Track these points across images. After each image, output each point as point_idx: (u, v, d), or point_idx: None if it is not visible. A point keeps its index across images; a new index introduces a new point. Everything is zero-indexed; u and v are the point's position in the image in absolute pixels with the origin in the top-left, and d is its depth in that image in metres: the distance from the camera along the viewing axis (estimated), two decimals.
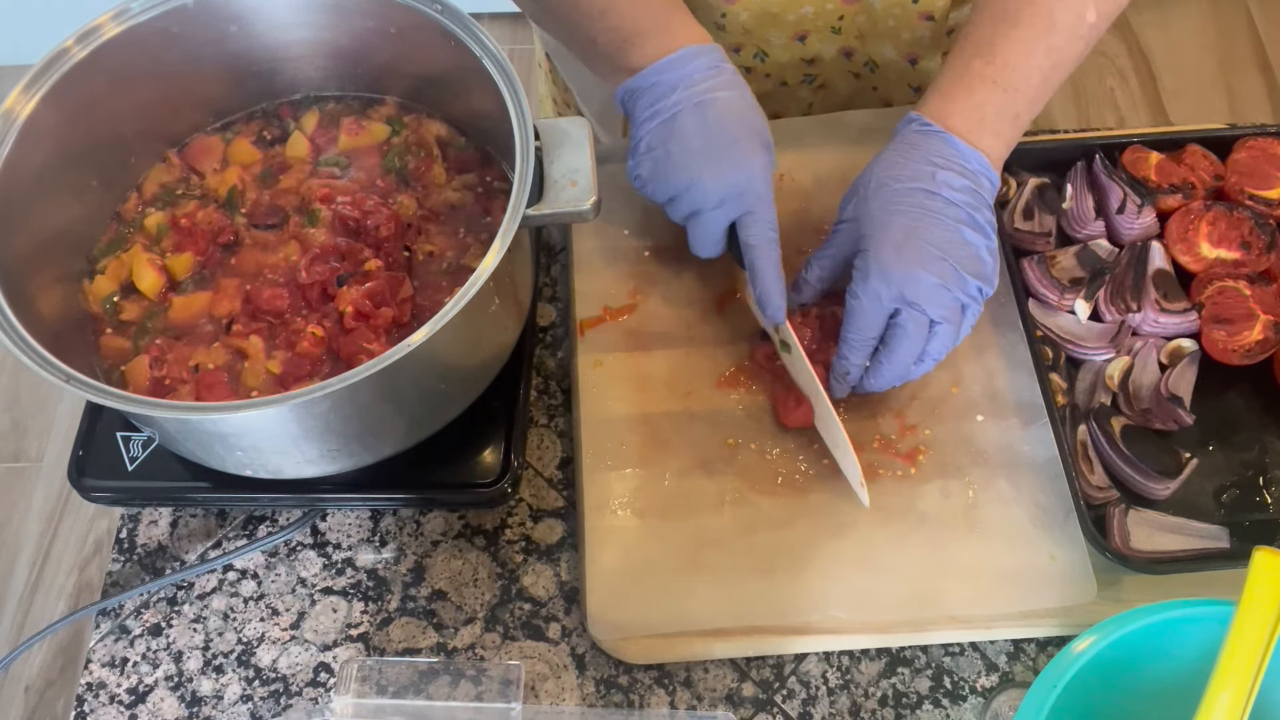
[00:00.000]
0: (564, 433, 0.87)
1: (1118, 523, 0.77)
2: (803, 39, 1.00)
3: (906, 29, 0.98)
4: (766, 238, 0.80)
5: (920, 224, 0.77)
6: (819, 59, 1.03)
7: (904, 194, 0.78)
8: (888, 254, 0.76)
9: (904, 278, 0.76)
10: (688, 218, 0.82)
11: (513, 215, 0.70)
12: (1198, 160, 0.93)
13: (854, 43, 1.01)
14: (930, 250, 0.76)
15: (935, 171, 0.78)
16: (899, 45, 1.00)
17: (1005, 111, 0.80)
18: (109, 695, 0.78)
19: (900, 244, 0.76)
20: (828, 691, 0.77)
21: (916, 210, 0.77)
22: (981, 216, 0.78)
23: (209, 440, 0.73)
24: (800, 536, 0.79)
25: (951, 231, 0.77)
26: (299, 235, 0.81)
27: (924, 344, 0.78)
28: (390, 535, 0.83)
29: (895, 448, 0.82)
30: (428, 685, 0.72)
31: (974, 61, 0.80)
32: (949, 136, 0.79)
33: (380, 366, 0.64)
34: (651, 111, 0.80)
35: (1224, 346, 0.85)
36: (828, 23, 0.98)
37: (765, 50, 1.01)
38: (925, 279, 0.76)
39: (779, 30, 0.99)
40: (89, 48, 0.76)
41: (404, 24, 0.80)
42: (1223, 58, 2.44)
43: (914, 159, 0.79)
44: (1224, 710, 0.60)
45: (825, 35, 1.00)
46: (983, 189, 0.79)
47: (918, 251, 0.76)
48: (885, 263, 0.76)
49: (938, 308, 0.76)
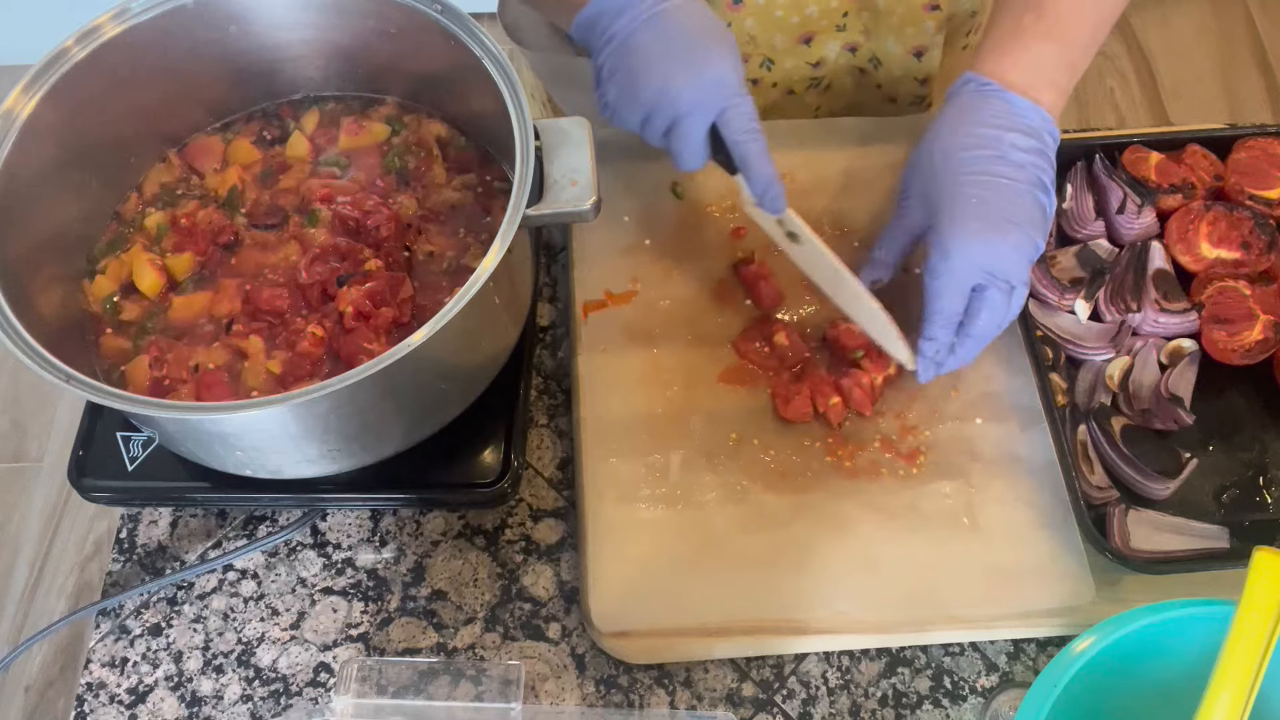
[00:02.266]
0: (564, 432, 0.87)
1: (1118, 523, 0.77)
2: (808, 41, 1.00)
3: (911, 23, 0.98)
4: (750, 129, 0.78)
5: (994, 193, 0.76)
6: (824, 61, 1.03)
7: (973, 162, 0.77)
8: (969, 227, 0.76)
9: (985, 251, 0.75)
10: (666, 132, 0.80)
11: (513, 215, 0.70)
12: (1198, 160, 0.93)
13: (858, 38, 1.01)
14: (1007, 220, 0.76)
15: (1001, 134, 0.77)
16: (903, 39, 1.00)
17: (1061, 63, 0.80)
18: (109, 695, 0.78)
19: (978, 216, 0.76)
20: (828, 691, 0.77)
21: (988, 178, 0.77)
22: (1048, 177, 0.78)
23: (209, 440, 0.73)
24: (802, 534, 0.79)
25: (1024, 196, 0.77)
26: (299, 235, 0.81)
27: (1007, 310, 0.78)
28: (390, 535, 0.83)
29: (896, 448, 0.82)
30: (428, 685, 0.72)
31: (1024, 17, 0.80)
32: (1008, 94, 0.79)
33: (380, 366, 0.64)
34: (607, 36, 0.79)
35: (1224, 346, 0.85)
36: (832, 21, 0.98)
37: (771, 58, 1.01)
38: (1006, 250, 0.75)
39: (784, 34, 0.99)
40: (89, 48, 0.76)
41: (404, 24, 0.80)
42: (1223, 58, 2.44)
43: (976, 123, 0.78)
44: (1224, 710, 0.60)
45: (830, 34, 1.00)
46: (1047, 145, 0.79)
47: (996, 223, 0.76)
48: (966, 238, 0.76)
49: (1019, 274, 0.77)
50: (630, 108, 0.79)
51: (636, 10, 0.78)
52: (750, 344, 0.86)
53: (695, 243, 0.91)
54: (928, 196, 0.79)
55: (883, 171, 0.94)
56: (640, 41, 0.78)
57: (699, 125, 0.78)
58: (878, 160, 0.95)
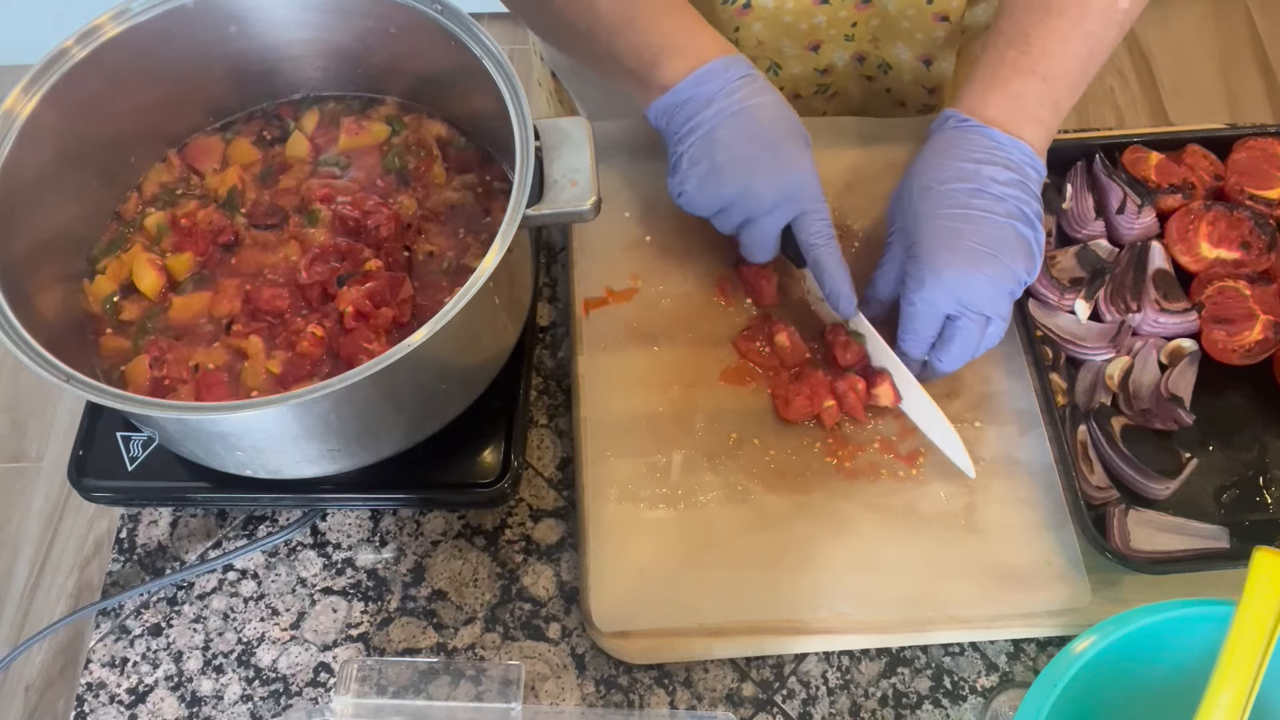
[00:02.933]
0: (564, 432, 0.87)
1: (1118, 523, 0.77)
2: (816, 49, 0.99)
3: (921, 30, 0.98)
4: (826, 234, 0.80)
5: (970, 225, 0.76)
6: (832, 68, 1.02)
7: (949, 195, 0.77)
8: (941, 259, 0.76)
9: (958, 282, 0.75)
10: (740, 225, 0.82)
11: (513, 215, 0.70)
12: (1198, 160, 0.93)
13: (867, 47, 1.01)
14: (982, 251, 0.75)
15: (979, 168, 0.77)
16: (913, 46, 1.00)
17: (1045, 99, 0.79)
18: (109, 695, 0.78)
19: (952, 247, 0.76)
20: (828, 691, 0.77)
21: (964, 211, 0.76)
22: (1030, 209, 0.77)
23: (209, 440, 0.73)
24: (802, 534, 0.79)
25: (1002, 229, 0.76)
26: (299, 235, 0.81)
27: (980, 339, 0.79)
28: (390, 535, 0.83)
29: (896, 449, 0.82)
30: (428, 685, 0.72)
31: (1009, 52, 0.79)
32: (988, 129, 0.78)
33: (380, 366, 0.64)
34: (690, 126, 0.80)
35: (1224, 346, 0.85)
36: (841, 30, 0.98)
37: (779, 63, 1.01)
38: (980, 281, 0.75)
39: (793, 41, 0.98)
40: (89, 48, 0.76)
41: (404, 24, 0.80)
42: (1223, 58, 2.44)
43: (955, 157, 0.78)
44: (1224, 710, 0.60)
45: (838, 44, 0.99)
46: (1029, 180, 0.78)
47: (970, 254, 0.75)
48: (938, 269, 0.76)
49: (994, 307, 0.77)
50: (709, 200, 0.81)
51: (725, 103, 0.79)
52: (751, 343, 0.86)
53: (697, 240, 0.91)
54: (907, 230, 0.79)
55: (885, 172, 0.94)
56: (725, 135, 0.79)
57: (775, 225, 0.81)
58: (880, 160, 0.95)
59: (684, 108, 0.80)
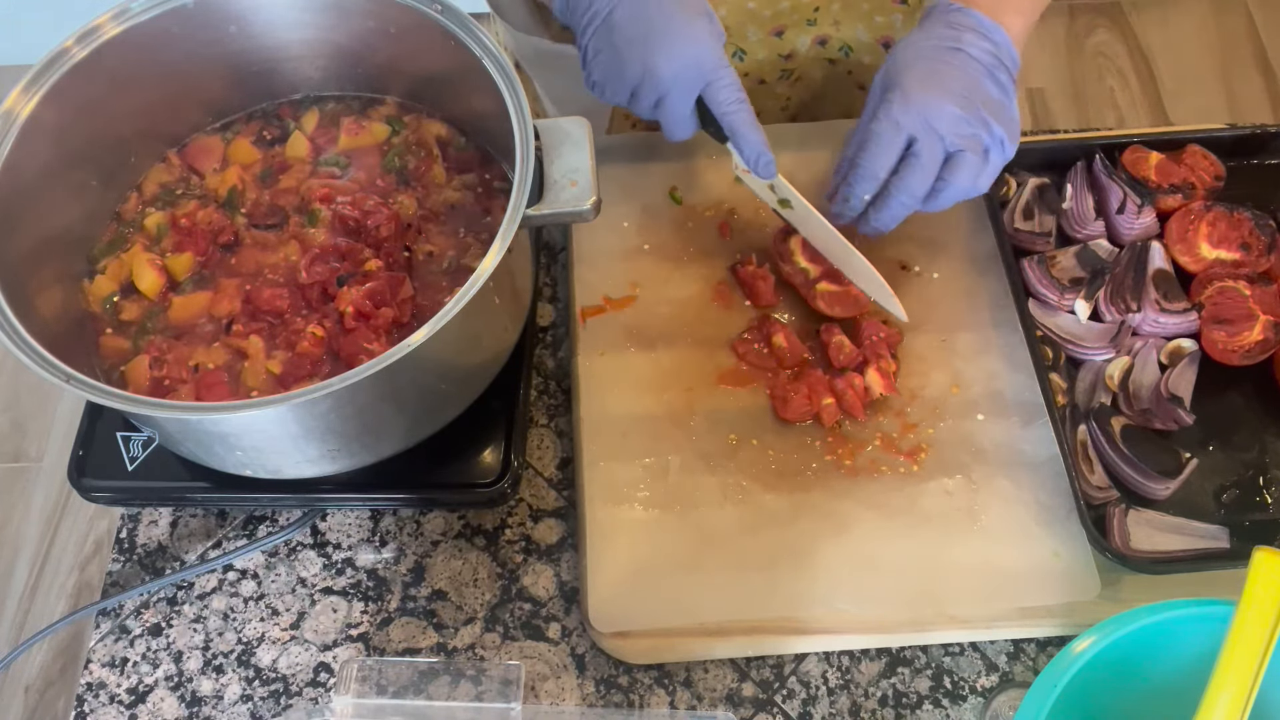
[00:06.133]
0: (564, 433, 0.87)
1: (1118, 523, 0.77)
2: (780, 33, 1.01)
3: (880, 12, 1.00)
4: (736, 99, 0.81)
5: (945, 69, 0.79)
6: (795, 53, 1.04)
7: (929, 49, 0.80)
8: (911, 85, 0.78)
9: (925, 104, 0.77)
10: (654, 107, 0.82)
11: (513, 215, 0.70)
12: (1198, 160, 0.93)
13: (829, 30, 1.03)
14: (954, 87, 0.78)
15: (960, 34, 0.80)
16: (873, 29, 1.02)
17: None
18: (109, 695, 0.78)
19: (924, 79, 0.78)
20: (828, 691, 0.77)
21: (941, 60, 0.79)
22: (1004, 75, 0.80)
23: (209, 440, 0.73)
24: (802, 533, 0.79)
25: (974, 79, 0.79)
26: (299, 235, 0.81)
27: (934, 178, 0.79)
28: (390, 535, 0.83)
29: (897, 445, 0.82)
30: (428, 685, 0.72)
31: None
32: (973, 11, 0.81)
33: (380, 366, 0.64)
34: (589, 16, 0.81)
35: (1224, 346, 0.85)
36: (804, 15, 1.00)
37: (744, 48, 1.02)
38: (947, 108, 0.77)
39: (757, 26, 1.00)
40: (89, 48, 0.76)
41: (404, 24, 0.80)
42: (1223, 58, 2.44)
43: (940, 27, 0.81)
44: (1224, 710, 0.60)
45: (801, 28, 1.01)
46: (1004, 58, 0.81)
47: (941, 87, 0.78)
48: (908, 91, 0.78)
49: (957, 136, 0.78)
50: (617, 86, 0.81)
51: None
52: (749, 345, 0.86)
53: (694, 247, 0.92)
54: (885, 81, 0.81)
55: None
56: (620, 18, 0.79)
57: (683, 101, 0.81)
58: None
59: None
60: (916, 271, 0.90)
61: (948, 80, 0.78)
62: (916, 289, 0.90)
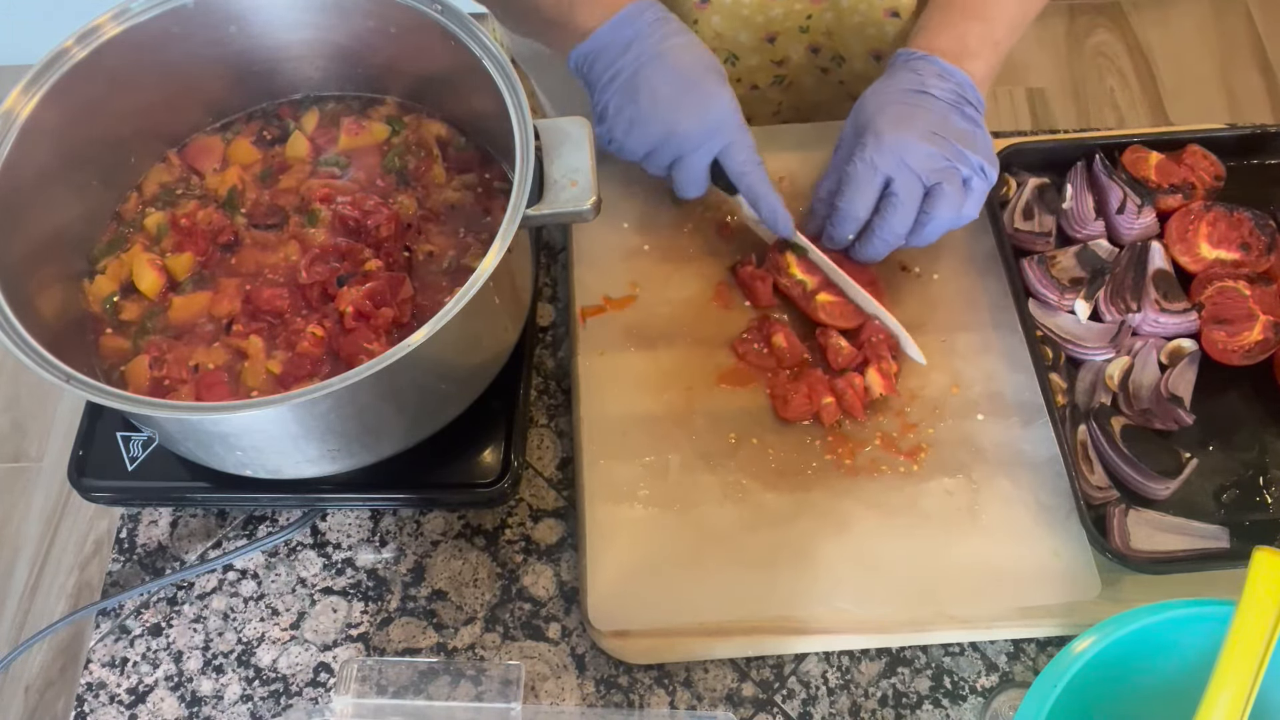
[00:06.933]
0: (564, 432, 0.87)
1: (1118, 523, 0.77)
2: (772, 40, 1.02)
3: (872, 24, 1.01)
4: (753, 162, 0.84)
5: (914, 110, 0.81)
6: (787, 60, 1.05)
7: (897, 93, 0.83)
8: (884, 126, 0.80)
9: (898, 143, 0.80)
10: (670, 165, 0.84)
11: (513, 215, 0.70)
12: (1198, 160, 0.93)
13: (821, 39, 1.03)
14: (923, 125, 0.80)
15: (924, 79, 0.83)
16: (865, 41, 1.03)
17: (986, 38, 0.85)
18: (109, 695, 0.78)
19: (895, 121, 0.81)
20: (828, 691, 0.77)
21: (909, 102, 0.82)
22: (970, 110, 0.83)
23: (209, 440, 0.73)
24: (802, 533, 0.79)
25: (943, 116, 0.81)
26: (299, 235, 0.81)
27: (916, 213, 0.82)
28: (390, 535, 0.83)
29: (897, 445, 0.82)
30: (428, 685, 0.72)
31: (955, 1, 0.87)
32: (934, 58, 0.84)
33: (380, 366, 0.64)
34: (612, 73, 0.82)
35: (1224, 346, 0.85)
36: (796, 23, 1.00)
37: (736, 54, 1.03)
38: (920, 145, 0.80)
39: (750, 33, 1.00)
40: (89, 48, 0.76)
41: (404, 24, 0.80)
42: (1223, 58, 2.44)
43: (904, 73, 0.84)
44: (1224, 710, 0.60)
45: (793, 35, 1.02)
46: (968, 95, 0.83)
47: (911, 126, 0.80)
48: (880, 132, 0.80)
49: (932, 171, 0.80)
50: (636, 144, 0.84)
51: (643, 47, 0.81)
52: (749, 345, 0.86)
53: (694, 248, 0.92)
54: (859, 129, 0.83)
55: None
56: (646, 79, 0.81)
57: (703, 161, 0.84)
58: None
59: (603, 54, 0.82)
60: (916, 272, 0.91)
61: (917, 120, 0.81)
62: (916, 289, 0.90)
